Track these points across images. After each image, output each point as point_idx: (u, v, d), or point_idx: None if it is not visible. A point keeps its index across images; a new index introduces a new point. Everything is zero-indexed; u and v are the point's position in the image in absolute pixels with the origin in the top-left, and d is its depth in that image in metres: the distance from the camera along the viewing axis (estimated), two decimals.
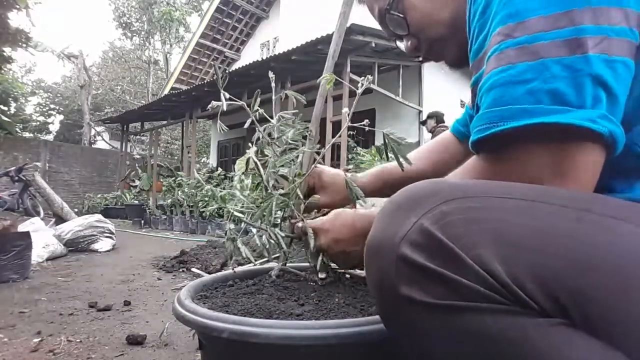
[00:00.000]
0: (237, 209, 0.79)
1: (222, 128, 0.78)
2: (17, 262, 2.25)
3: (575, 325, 0.35)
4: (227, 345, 0.61)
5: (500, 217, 0.39)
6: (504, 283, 0.35)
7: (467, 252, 0.37)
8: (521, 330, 0.35)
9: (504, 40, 0.44)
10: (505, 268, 0.36)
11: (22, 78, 19.74)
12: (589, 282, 0.35)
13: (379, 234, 0.43)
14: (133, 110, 9.58)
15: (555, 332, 0.35)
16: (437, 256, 0.38)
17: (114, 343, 1.30)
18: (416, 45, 0.71)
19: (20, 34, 6.34)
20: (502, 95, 0.43)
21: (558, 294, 0.35)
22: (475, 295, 0.36)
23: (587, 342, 0.34)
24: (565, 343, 0.34)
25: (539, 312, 0.35)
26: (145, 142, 15.19)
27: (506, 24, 0.44)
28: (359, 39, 5.25)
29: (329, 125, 5.36)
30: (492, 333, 0.36)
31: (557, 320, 0.35)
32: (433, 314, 0.39)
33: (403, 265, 0.39)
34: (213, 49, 11.29)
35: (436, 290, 0.38)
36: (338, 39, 0.87)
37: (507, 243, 0.37)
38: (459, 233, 0.38)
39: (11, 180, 7.41)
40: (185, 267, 2.69)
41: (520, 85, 0.42)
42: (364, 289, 0.79)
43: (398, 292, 0.40)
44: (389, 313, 0.45)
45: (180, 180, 6.99)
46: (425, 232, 0.39)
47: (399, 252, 0.39)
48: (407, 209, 0.41)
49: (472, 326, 0.37)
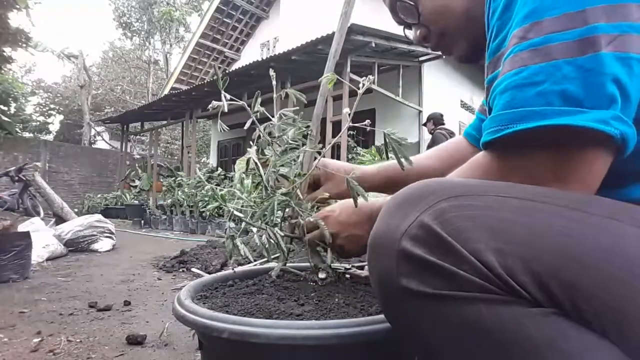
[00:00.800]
0: (237, 208, 0.79)
1: (223, 128, 0.78)
2: (17, 262, 2.25)
3: (566, 315, 0.37)
4: (227, 346, 0.61)
5: (496, 215, 0.40)
6: (499, 275, 0.37)
7: (465, 245, 0.39)
8: (514, 318, 0.37)
9: (518, 43, 0.44)
10: (500, 261, 0.38)
11: (22, 78, 19.74)
12: (579, 275, 0.37)
13: (382, 229, 0.45)
14: (133, 110, 9.58)
15: (547, 321, 0.37)
16: (436, 250, 0.40)
17: (114, 343, 1.30)
18: (425, 35, 0.70)
19: (20, 34, 6.34)
20: (513, 97, 0.44)
21: (550, 286, 0.37)
22: (471, 286, 0.38)
23: (577, 330, 0.36)
24: (557, 331, 0.36)
25: (531, 302, 0.37)
26: (145, 142, 15.18)
27: (522, 26, 0.44)
28: (359, 39, 5.25)
29: (329, 125, 5.35)
30: (487, 321, 0.38)
31: (549, 310, 0.37)
32: (432, 304, 0.40)
33: (404, 259, 0.41)
34: (213, 49, 11.29)
35: (435, 281, 0.40)
36: (339, 38, 0.87)
37: (502, 238, 0.39)
38: (457, 228, 0.40)
39: (11, 180, 7.42)
40: (185, 267, 2.69)
41: (531, 87, 0.42)
42: (364, 289, 0.79)
43: (399, 284, 0.42)
44: (390, 305, 0.46)
45: (180, 180, 6.99)
46: (426, 227, 0.41)
47: (400, 246, 0.41)
48: (409, 206, 0.43)
49: (468, 315, 0.39)
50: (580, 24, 0.40)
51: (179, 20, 17.18)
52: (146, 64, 18.88)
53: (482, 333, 0.38)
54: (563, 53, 0.41)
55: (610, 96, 0.40)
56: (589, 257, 0.37)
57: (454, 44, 0.68)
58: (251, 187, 0.83)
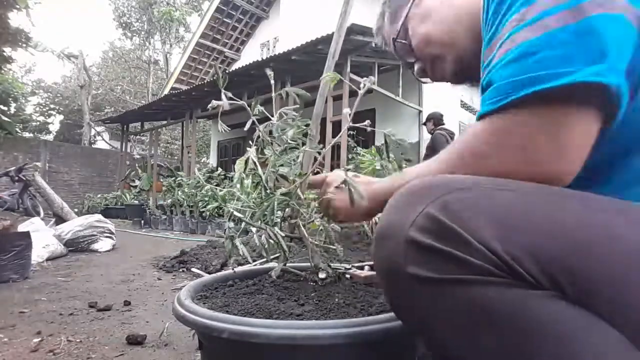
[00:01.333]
0: (237, 208, 0.79)
1: (224, 128, 0.79)
2: (17, 262, 2.25)
3: (566, 297, 0.40)
4: (227, 345, 0.61)
5: (500, 204, 0.44)
6: (503, 259, 0.40)
7: (471, 233, 0.42)
8: (518, 299, 0.40)
9: (517, 24, 0.47)
10: (503, 247, 0.40)
11: (22, 78, 19.72)
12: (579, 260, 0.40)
13: (389, 222, 0.48)
14: (133, 110, 9.57)
15: (549, 302, 0.40)
16: (443, 237, 0.43)
17: (114, 343, 1.30)
18: (423, 68, 0.78)
19: (20, 34, 6.33)
20: (514, 69, 0.46)
21: (551, 270, 0.40)
22: (478, 270, 0.41)
23: (577, 311, 0.39)
24: (558, 311, 0.39)
25: (534, 285, 0.40)
26: (145, 142, 15.18)
27: (519, 10, 0.48)
28: (359, 39, 5.24)
29: (329, 125, 5.35)
30: (493, 303, 0.41)
31: (551, 293, 0.40)
32: (438, 289, 0.43)
33: (411, 247, 0.44)
34: (213, 49, 11.28)
35: (443, 267, 0.42)
36: (339, 38, 0.88)
37: (505, 226, 0.42)
38: (462, 217, 0.43)
39: (11, 180, 7.41)
40: (185, 267, 2.69)
41: (530, 56, 0.45)
42: (364, 289, 0.79)
43: (406, 271, 0.44)
44: (397, 294, 0.49)
45: (180, 180, 6.99)
46: (432, 217, 0.44)
47: (408, 236, 0.44)
48: (415, 199, 0.46)
49: (475, 298, 0.41)
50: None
51: (179, 20, 17.17)
52: (146, 64, 18.87)
53: (487, 314, 0.41)
54: (557, 22, 0.44)
55: (602, 51, 0.42)
56: (590, 244, 0.40)
57: (444, 67, 0.74)
58: (251, 187, 0.83)
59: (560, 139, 0.45)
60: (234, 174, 0.80)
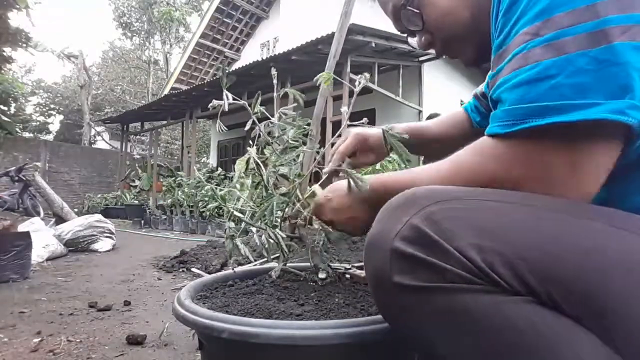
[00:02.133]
0: (237, 208, 0.79)
1: (222, 128, 0.78)
2: (17, 262, 2.25)
3: (542, 302, 0.41)
4: (227, 346, 0.61)
5: (479, 216, 0.45)
6: (480, 268, 0.41)
7: (450, 243, 0.43)
8: (494, 304, 0.41)
9: (531, 39, 0.45)
10: (481, 256, 0.42)
11: (22, 78, 19.70)
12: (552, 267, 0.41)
13: (376, 232, 0.49)
14: (133, 110, 9.57)
15: (524, 307, 0.41)
16: (425, 247, 0.44)
17: (114, 343, 1.30)
18: (430, 42, 0.70)
19: (20, 34, 6.33)
20: (527, 92, 0.45)
21: (525, 277, 0.41)
22: (457, 278, 0.42)
23: (553, 315, 0.40)
24: (533, 315, 0.40)
25: (510, 291, 0.41)
26: (145, 142, 15.18)
27: (533, 23, 0.45)
28: (359, 39, 5.24)
29: (329, 125, 5.35)
30: (471, 308, 0.42)
31: (527, 298, 0.41)
32: (422, 296, 0.44)
33: (396, 257, 0.45)
34: (213, 49, 11.28)
35: (425, 275, 0.44)
36: (340, 38, 0.87)
37: (484, 236, 0.43)
38: (443, 227, 0.44)
39: (11, 180, 7.41)
40: (185, 267, 2.69)
41: (545, 81, 0.43)
42: (364, 289, 0.79)
43: (391, 280, 0.45)
44: (384, 301, 0.50)
45: (180, 180, 6.99)
46: (416, 228, 0.45)
47: (393, 246, 0.45)
48: (400, 211, 0.47)
49: (455, 304, 0.43)
50: (592, 17, 0.41)
51: (179, 20, 17.16)
52: (146, 64, 18.86)
53: (467, 319, 0.42)
54: (576, 46, 0.41)
55: (625, 85, 0.40)
56: (564, 252, 0.41)
57: (460, 49, 0.69)
58: (251, 187, 0.83)
59: (578, 171, 0.45)
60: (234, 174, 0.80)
